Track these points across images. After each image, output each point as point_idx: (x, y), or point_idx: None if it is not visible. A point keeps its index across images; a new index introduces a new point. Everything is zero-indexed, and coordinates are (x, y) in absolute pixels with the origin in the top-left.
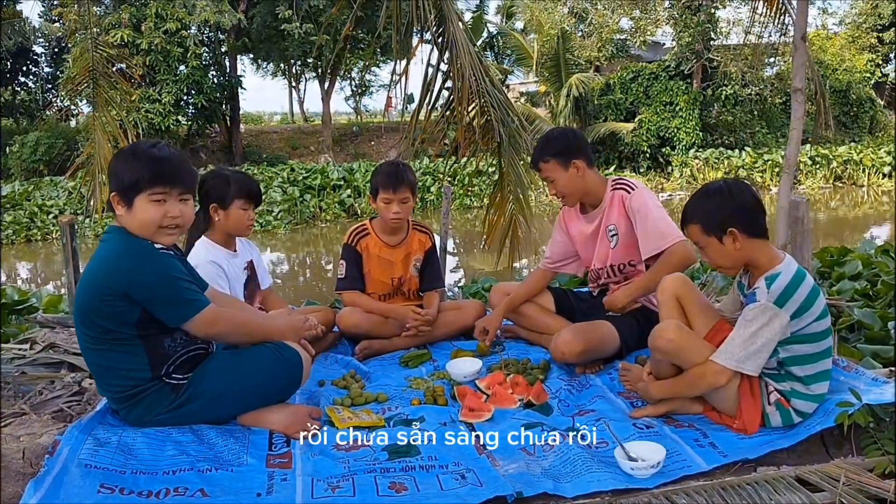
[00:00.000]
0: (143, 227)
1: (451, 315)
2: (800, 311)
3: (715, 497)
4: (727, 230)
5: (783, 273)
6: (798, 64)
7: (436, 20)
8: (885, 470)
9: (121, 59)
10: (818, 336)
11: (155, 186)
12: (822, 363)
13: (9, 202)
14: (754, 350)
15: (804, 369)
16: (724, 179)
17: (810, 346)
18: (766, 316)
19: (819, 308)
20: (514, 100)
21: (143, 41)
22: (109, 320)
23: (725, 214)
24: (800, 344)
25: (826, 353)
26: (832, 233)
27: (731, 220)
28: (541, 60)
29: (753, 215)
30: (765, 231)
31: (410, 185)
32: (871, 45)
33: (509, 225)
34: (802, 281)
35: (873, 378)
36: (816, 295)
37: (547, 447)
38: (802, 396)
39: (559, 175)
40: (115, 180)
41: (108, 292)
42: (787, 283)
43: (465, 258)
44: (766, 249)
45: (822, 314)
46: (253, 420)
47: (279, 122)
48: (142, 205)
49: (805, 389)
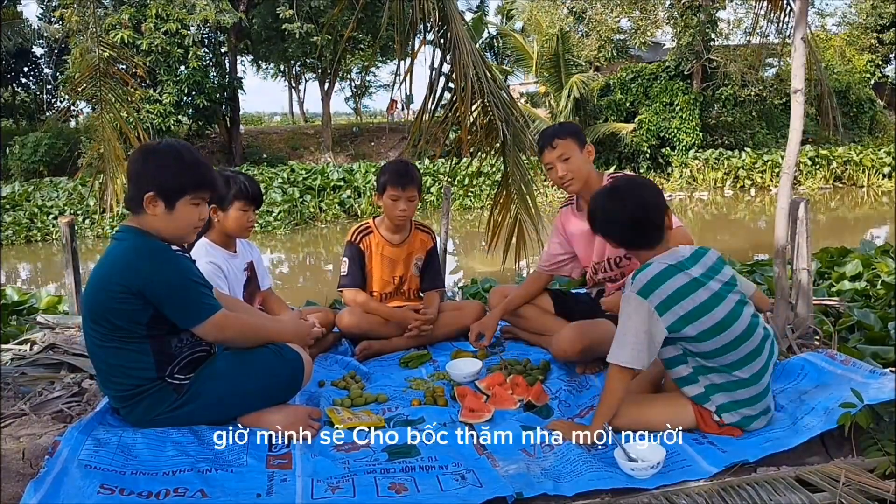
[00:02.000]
0: (180, 229)
1: (451, 316)
2: (666, 305)
3: (715, 497)
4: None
5: (651, 266)
6: (798, 65)
7: (439, 20)
8: (885, 470)
9: (123, 59)
10: (722, 350)
11: (199, 191)
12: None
13: (9, 203)
14: (623, 340)
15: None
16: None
17: (715, 360)
18: (630, 305)
19: (695, 313)
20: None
21: (143, 42)
22: (121, 318)
23: (609, 226)
24: (704, 358)
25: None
26: (832, 233)
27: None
28: (540, 61)
29: (634, 234)
30: (649, 242)
31: (418, 184)
32: (870, 45)
33: (514, 225)
34: (669, 278)
35: (871, 370)
36: (687, 294)
37: (547, 447)
38: (730, 407)
39: (575, 153)
40: (155, 181)
41: (124, 290)
42: (651, 276)
43: (466, 259)
44: (646, 256)
45: (705, 321)
46: (253, 421)
47: (279, 122)
48: (184, 207)
49: (733, 397)
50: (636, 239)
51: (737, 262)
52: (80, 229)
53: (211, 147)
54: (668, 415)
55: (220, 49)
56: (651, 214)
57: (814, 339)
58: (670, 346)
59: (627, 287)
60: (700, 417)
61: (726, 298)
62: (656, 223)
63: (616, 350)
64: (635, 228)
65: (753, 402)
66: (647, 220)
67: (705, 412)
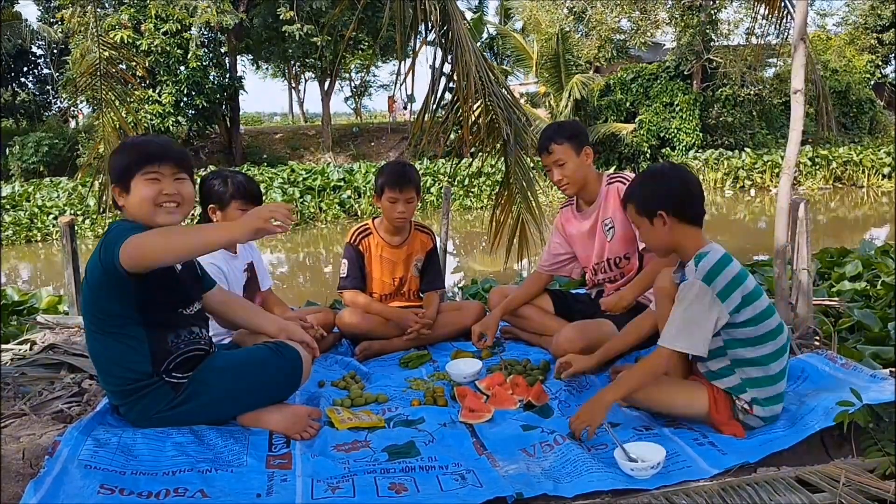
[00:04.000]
0: (141, 205)
1: (451, 316)
2: (729, 290)
3: (715, 497)
4: (657, 212)
5: (711, 252)
6: (798, 65)
7: (439, 20)
8: (885, 471)
9: (124, 59)
10: (763, 339)
11: (145, 165)
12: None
13: (9, 203)
14: (685, 327)
15: (756, 371)
16: (663, 163)
17: (755, 348)
18: (692, 291)
19: (754, 294)
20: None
21: (143, 42)
22: (111, 301)
23: (656, 197)
24: (745, 347)
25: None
26: (832, 234)
27: (660, 203)
28: (540, 61)
29: (683, 201)
30: (696, 218)
31: (416, 186)
32: (870, 45)
33: (516, 224)
34: (730, 262)
35: (871, 375)
36: (745, 277)
37: (547, 448)
38: (763, 403)
39: (571, 158)
40: (113, 173)
41: (101, 267)
42: (715, 261)
43: (466, 259)
44: (695, 236)
45: (759, 304)
46: (253, 420)
47: (279, 122)
48: (137, 185)
49: (763, 393)
50: (687, 208)
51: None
52: (80, 229)
53: (211, 147)
54: (683, 395)
55: (220, 49)
56: (698, 188)
57: (814, 340)
58: (714, 338)
59: (689, 273)
60: (714, 404)
61: (760, 288)
62: (701, 199)
63: (674, 334)
64: (685, 197)
65: (776, 402)
66: (696, 191)
67: (722, 398)
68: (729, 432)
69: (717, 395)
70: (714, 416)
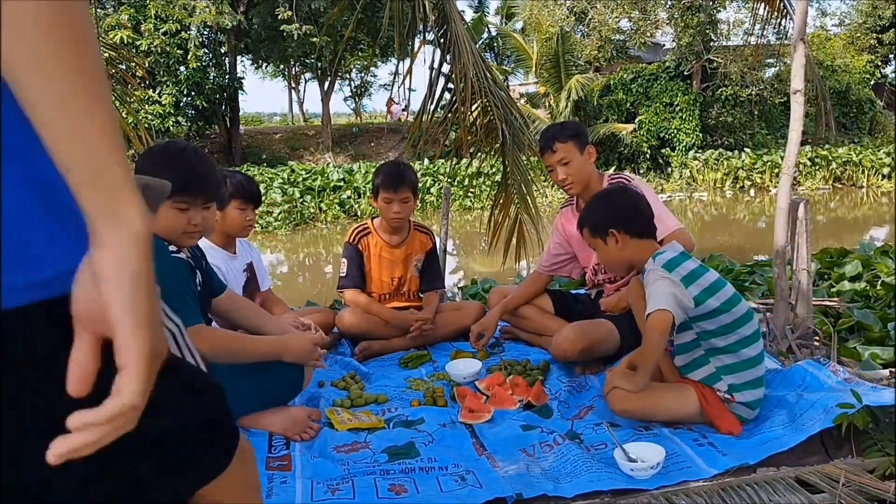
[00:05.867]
0: (166, 233)
1: (451, 316)
2: (690, 279)
3: (715, 498)
4: (608, 231)
5: (667, 251)
6: (797, 65)
7: (439, 20)
8: (885, 471)
9: (124, 59)
10: (732, 326)
11: (181, 195)
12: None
13: None
14: (662, 298)
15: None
16: (613, 187)
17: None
18: (655, 274)
19: (716, 286)
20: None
21: (143, 42)
22: None
23: (606, 218)
24: (716, 337)
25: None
26: (832, 234)
27: (611, 222)
28: (540, 61)
29: (631, 217)
30: (648, 232)
31: (411, 186)
32: (870, 46)
33: (514, 225)
34: (686, 259)
35: (872, 387)
36: (702, 272)
37: (547, 448)
38: (741, 388)
39: (575, 156)
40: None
41: None
42: (670, 258)
43: (465, 259)
44: (649, 247)
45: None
46: (252, 422)
47: (279, 122)
48: (166, 211)
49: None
50: (636, 223)
51: (737, 263)
52: None
53: (211, 148)
54: (673, 399)
55: (220, 49)
56: (645, 205)
57: (813, 340)
58: (686, 332)
59: (648, 267)
60: (704, 399)
61: (724, 279)
62: (650, 216)
63: (652, 304)
64: (633, 213)
65: (757, 385)
66: (643, 207)
67: (708, 392)
68: (725, 425)
69: (704, 391)
70: (707, 411)
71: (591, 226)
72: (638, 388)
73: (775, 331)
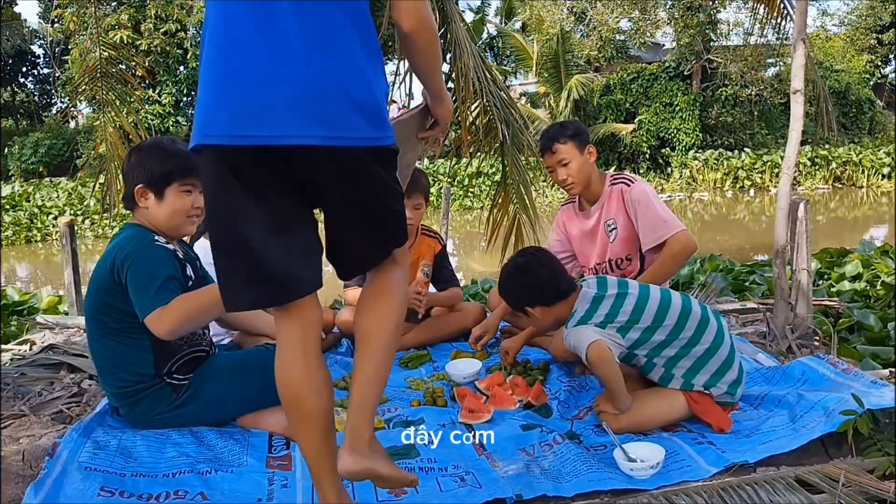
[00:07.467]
0: (173, 216)
1: (452, 317)
2: (605, 323)
3: (714, 497)
4: (526, 310)
5: (577, 310)
6: (797, 65)
7: (438, 20)
8: (885, 471)
9: (124, 59)
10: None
11: (186, 178)
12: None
13: (9, 203)
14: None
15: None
16: (522, 256)
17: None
18: (574, 334)
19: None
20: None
21: (142, 42)
22: (116, 307)
23: (525, 296)
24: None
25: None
26: (831, 234)
27: (530, 300)
28: (540, 61)
29: (548, 289)
30: (565, 293)
31: (423, 191)
32: (870, 46)
33: (513, 224)
34: (598, 306)
35: (872, 381)
36: (621, 304)
37: (546, 448)
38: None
39: (575, 157)
40: (143, 173)
41: (109, 275)
42: (580, 316)
43: (465, 259)
44: (569, 304)
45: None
46: (252, 422)
47: None
48: (173, 195)
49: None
50: (554, 293)
51: (737, 263)
52: (80, 230)
53: None
54: (663, 408)
55: None
56: (559, 266)
57: (813, 340)
58: (636, 359)
59: (563, 336)
60: (692, 401)
61: (650, 290)
62: (565, 273)
63: (581, 347)
64: (550, 284)
65: (728, 368)
66: (559, 272)
67: (693, 392)
68: (715, 421)
69: (686, 394)
70: (695, 409)
71: (511, 304)
72: (623, 408)
73: (775, 331)
